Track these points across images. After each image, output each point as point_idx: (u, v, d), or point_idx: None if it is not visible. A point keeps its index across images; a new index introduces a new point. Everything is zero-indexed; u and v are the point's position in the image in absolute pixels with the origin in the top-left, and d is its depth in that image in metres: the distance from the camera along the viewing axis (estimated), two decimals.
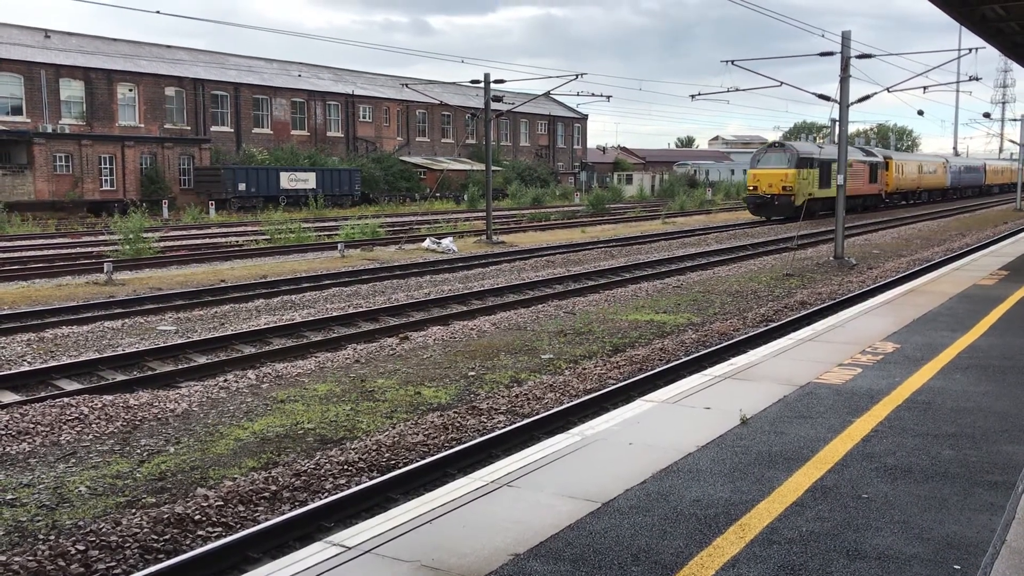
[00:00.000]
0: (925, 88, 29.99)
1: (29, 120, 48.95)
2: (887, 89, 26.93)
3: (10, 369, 11.39)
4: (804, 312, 15.60)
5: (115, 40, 57.42)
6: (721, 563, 4.41)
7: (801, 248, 28.00)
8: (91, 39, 56.23)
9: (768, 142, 42.01)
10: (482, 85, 31.75)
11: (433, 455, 7.99)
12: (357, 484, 7.34)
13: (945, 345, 9.86)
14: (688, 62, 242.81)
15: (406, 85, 42.69)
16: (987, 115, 64.88)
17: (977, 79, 31.40)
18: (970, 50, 25.46)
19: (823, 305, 16.36)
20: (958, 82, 41.18)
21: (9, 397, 10.19)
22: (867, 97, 26.28)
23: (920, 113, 48.92)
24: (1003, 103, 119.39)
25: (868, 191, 49.31)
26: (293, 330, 14.05)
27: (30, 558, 5.87)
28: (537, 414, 9.28)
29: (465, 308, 16.42)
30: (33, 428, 8.71)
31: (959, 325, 11.18)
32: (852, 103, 24.87)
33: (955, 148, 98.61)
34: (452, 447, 8.24)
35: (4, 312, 15.32)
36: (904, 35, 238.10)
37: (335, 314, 15.28)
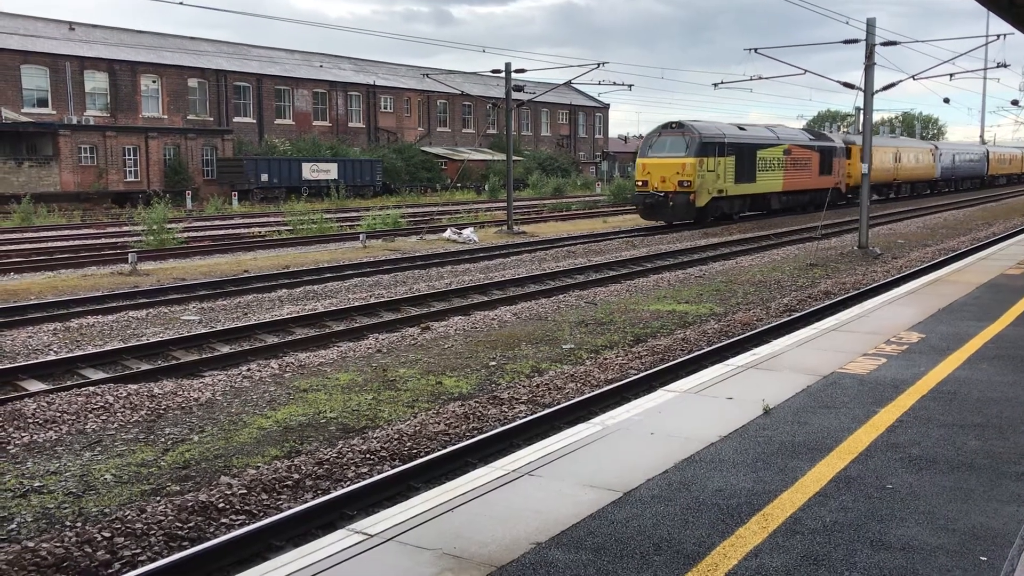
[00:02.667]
0: (951, 75, 29.62)
1: (55, 112, 49.40)
2: (912, 77, 26.60)
3: (37, 358, 11.52)
4: (828, 302, 15.48)
5: (139, 32, 57.77)
6: (744, 553, 4.39)
7: (825, 238, 27.78)
8: (115, 31, 56.61)
9: (664, 123, 32.64)
10: (503, 75, 31.69)
11: (454, 444, 8.01)
12: (379, 473, 7.37)
13: (971, 335, 9.75)
14: (711, 50, 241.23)
15: (427, 75, 42.72)
16: (1015, 102, 63.45)
17: (1005, 66, 30.90)
18: (998, 36, 25.11)
19: (847, 295, 16.23)
20: (985, 69, 40.06)
21: (36, 386, 10.31)
22: (892, 85, 26.01)
23: (946, 101, 47.54)
24: None
25: (818, 184, 39.18)
26: (316, 320, 14.11)
27: (57, 544, 5.94)
28: (558, 404, 9.27)
29: (486, 298, 16.42)
30: (60, 417, 8.81)
31: (985, 315, 11.06)
32: (877, 91, 24.62)
33: (982, 136, 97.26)
34: (473, 436, 8.25)
35: (31, 302, 15.49)
36: (930, 22, 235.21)
37: (357, 304, 15.33)
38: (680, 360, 11.03)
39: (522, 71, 31.98)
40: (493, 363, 11.27)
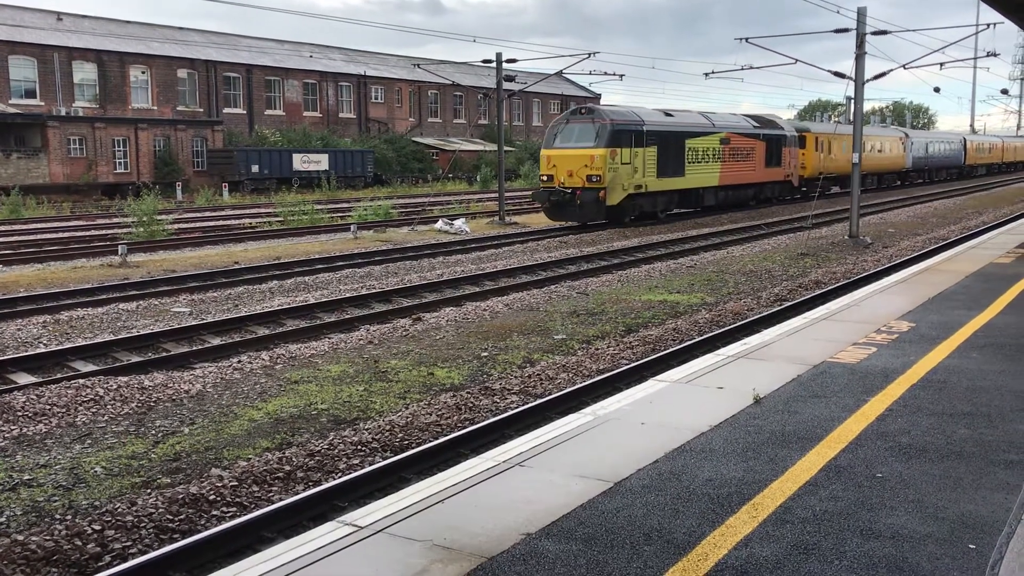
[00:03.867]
0: (942, 65, 29.55)
1: (43, 103, 49.11)
2: (903, 66, 26.60)
3: (26, 351, 11.47)
4: (819, 291, 15.52)
5: (128, 22, 57.44)
6: (734, 542, 4.40)
7: (816, 227, 27.83)
8: (104, 21, 56.24)
9: (573, 108, 29.65)
10: (494, 65, 31.60)
11: (446, 435, 8.00)
12: (370, 464, 7.36)
13: (961, 324, 9.79)
14: (702, 41, 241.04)
15: (418, 65, 42.53)
16: (1005, 91, 63.53)
17: (995, 55, 30.90)
18: (988, 25, 25.12)
19: (838, 284, 16.27)
20: (975, 58, 40.04)
21: (25, 379, 10.26)
22: (883, 74, 26.01)
23: (936, 90, 47.36)
24: (1022, 79, 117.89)
25: (764, 178, 35.81)
26: (307, 311, 14.08)
27: (47, 537, 5.92)
28: (550, 394, 9.28)
29: (478, 289, 16.41)
30: (49, 409, 8.78)
31: (975, 304, 11.10)
32: (867, 80, 24.62)
33: (972, 125, 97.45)
34: (465, 427, 8.25)
35: (20, 294, 15.42)
36: (921, 11, 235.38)
37: (348, 295, 15.30)
38: (671, 350, 11.04)
39: (513, 61, 31.87)
40: (485, 354, 11.27)
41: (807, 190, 40.47)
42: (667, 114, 30.71)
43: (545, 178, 27.84)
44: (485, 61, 33.62)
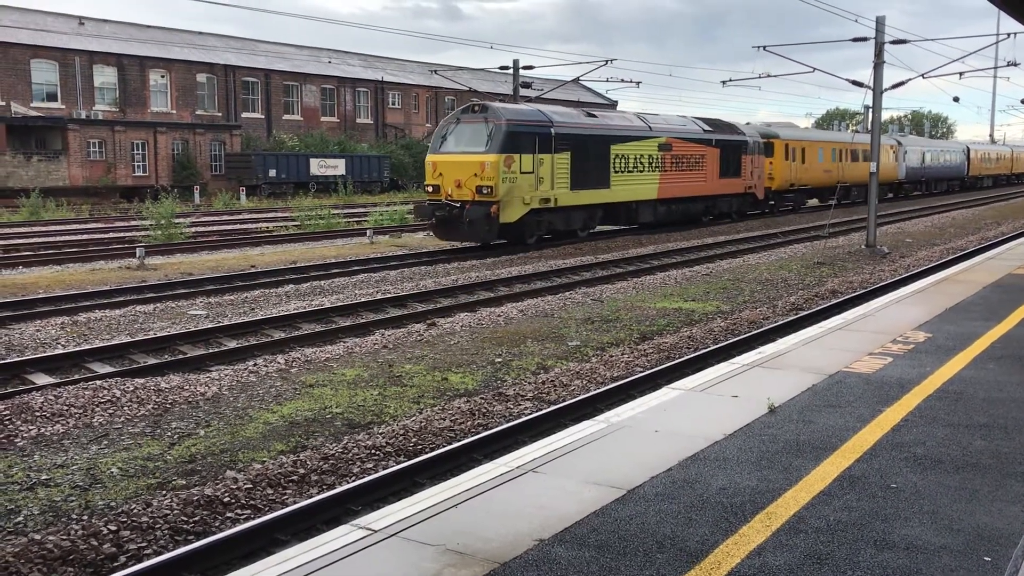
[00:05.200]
0: (961, 74, 29.50)
1: (64, 106, 49.55)
2: (922, 75, 26.53)
3: (45, 352, 11.57)
4: (835, 301, 15.45)
5: (147, 27, 57.91)
6: (747, 551, 4.39)
7: (832, 236, 27.72)
8: (124, 26, 56.74)
9: (466, 105, 24.55)
10: (511, 71, 31.67)
11: (459, 440, 8.02)
12: (384, 468, 7.38)
13: (978, 335, 9.73)
14: (720, 48, 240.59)
15: (435, 71, 42.68)
16: None
17: (1015, 64, 30.79)
18: (1008, 35, 25.03)
19: (854, 294, 16.20)
20: (995, 68, 39.76)
21: (43, 379, 10.35)
22: (901, 83, 25.92)
23: (955, 99, 46.91)
24: None
25: (718, 190, 31.56)
26: (322, 315, 14.13)
27: (64, 537, 5.97)
28: (563, 401, 9.28)
29: (492, 295, 16.43)
30: (67, 410, 8.85)
31: (993, 314, 11.02)
32: (886, 89, 24.55)
33: (991, 135, 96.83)
34: (478, 433, 8.26)
35: (39, 296, 15.55)
36: (941, 20, 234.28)
37: (363, 300, 15.35)
38: (686, 358, 11.02)
39: (530, 68, 31.99)
40: (499, 360, 11.28)
41: (775, 204, 37.15)
42: (589, 115, 26.61)
43: (430, 189, 23.34)
44: (502, 67, 33.72)
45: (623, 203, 27.02)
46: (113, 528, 6.15)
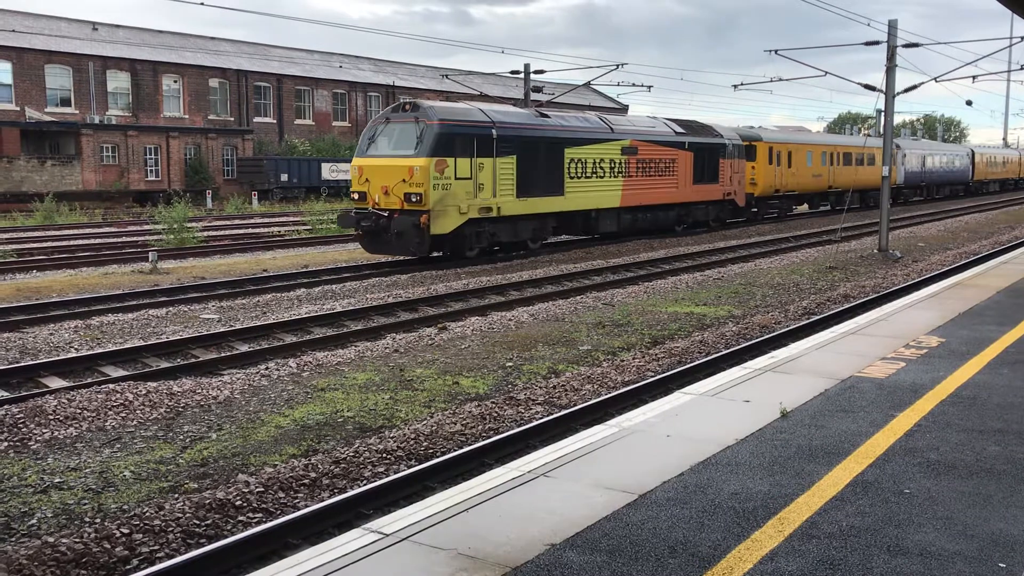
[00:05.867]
0: (974, 77, 29.42)
1: (77, 111, 49.87)
2: (935, 79, 26.42)
3: (58, 355, 11.63)
4: (847, 305, 15.40)
5: (160, 32, 58.22)
6: (759, 557, 4.37)
7: (845, 240, 27.63)
8: (137, 31, 57.07)
9: (396, 103, 22.62)
10: (522, 76, 31.71)
11: (470, 445, 8.02)
12: (395, 472, 7.39)
13: (992, 339, 9.67)
14: (731, 52, 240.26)
15: (446, 76, 42.75)
16: None
17: None
18: (1022, 38, 24.89)
19: (867, 298, 16.13)
20: (1009, 71, 39.64)
21: (57, 383, 10.40)
22: (914, 87, 25.87)
23: (968, 103, 46.65)
24: None
25: (692, 196, 29.13)
26: (334, 319, 14.16)
27: (77, 540, 5.99)
28: (575, 405, 9.27)
29: (503, 299, 16.43)
30: (80, 413, 8.89)
31: (1006, 319, 10.96)
32: (898, 93, 24.48)
33: (1005, 139, 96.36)
34: (489, 437, 8.26)
35: (53, 300, 15.63)
36: (953, 24, 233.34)
37: (375, 304, 15.38)
38: (697, 362, 11.00)
39: (541, 72, 32.00)
40: (510, 364, 11.28)
41: (758, 211, 34.98)
42: (541, 115, 24.06)
43: (356, 196, 21.01)
44: (513, 72, 33.76)
45: (581, 212, 24.80)
46: (126, 531, 6.17)
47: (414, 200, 19.89)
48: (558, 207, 23.73)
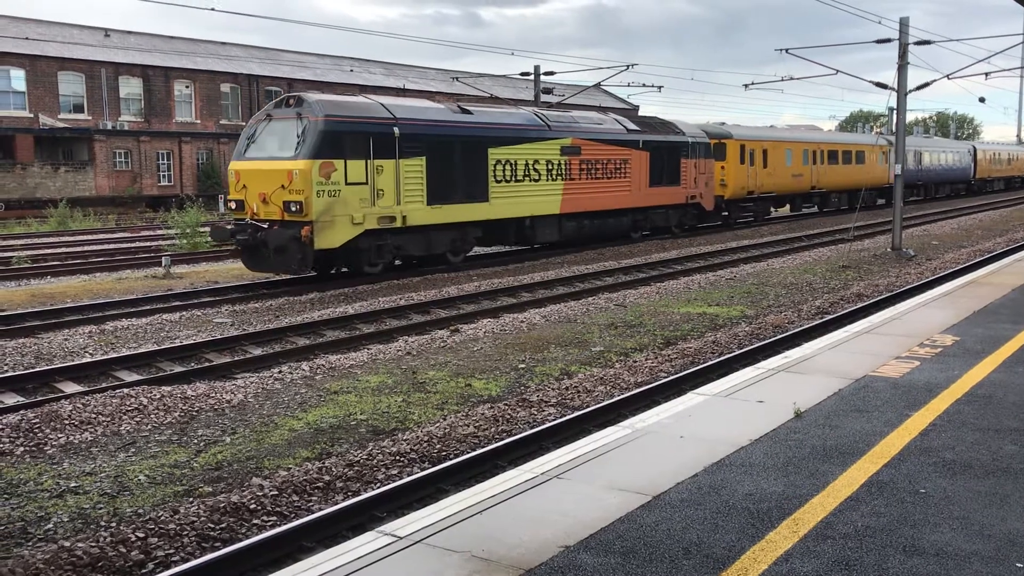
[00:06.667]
0: (987, 74, 29.28)
1: (90, 117, 50.15)
2: (947, 76, 26.30)
3: (73, 360, 11.69)
4: (860, 304, 15.33)
5: (172, 38, 58.53)
6: (774, 557, 4.36)
7: (857, 239, 27.51)
8: (149, 37, 57.37)
9: (280, 98, 19.66)
10: (532, 78, 31.72)
11: (483, 447, 8.02)
12: (409, 475, 7.40)
13: (1007, 337, 9.61)
14: (742, 51, 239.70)
15: (456, 79, 42.78)
16: None
17: None
18: None
19: (880, 297, 16.06)
20: (1022, 67, 39.49)
21: (72, 388, 10.46)
22: (926, 84, 25.72)
23: (981, 100, 46.20)
24: None
25: (648, 201, 26.66)
26: (346, 322, 14.19)
27: (92, 544, 6.02)
28: (587, 407, 9.26)
29: (515, 301, 16.43)
30: (95, 418, 8.94)
31: (1021, 317, 10.89)
32: (910, 91, 24.36)
33: (1019, 135, 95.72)
34: (502, 439, 8.26)
35: (67, 305, 15.72)
36: (966, 20, 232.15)
37: (387, 306, 15.41)
38: (710, 363, 10.97)
39: (551, 74, 32.01)
40: (522, 365, 11.28)
41: (729, 215, 32.36)
42: (463, 110, 21.31)
43: (233, 205, 18.41)
44: (523, 74, 33.78)
45: (511, 220, 22.14)
46: (141, 535, 6.20)
47: (294, 209, 17.18)
48: (482, 215, 21.09)
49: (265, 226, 17.42)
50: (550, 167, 23.03)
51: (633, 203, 26.10)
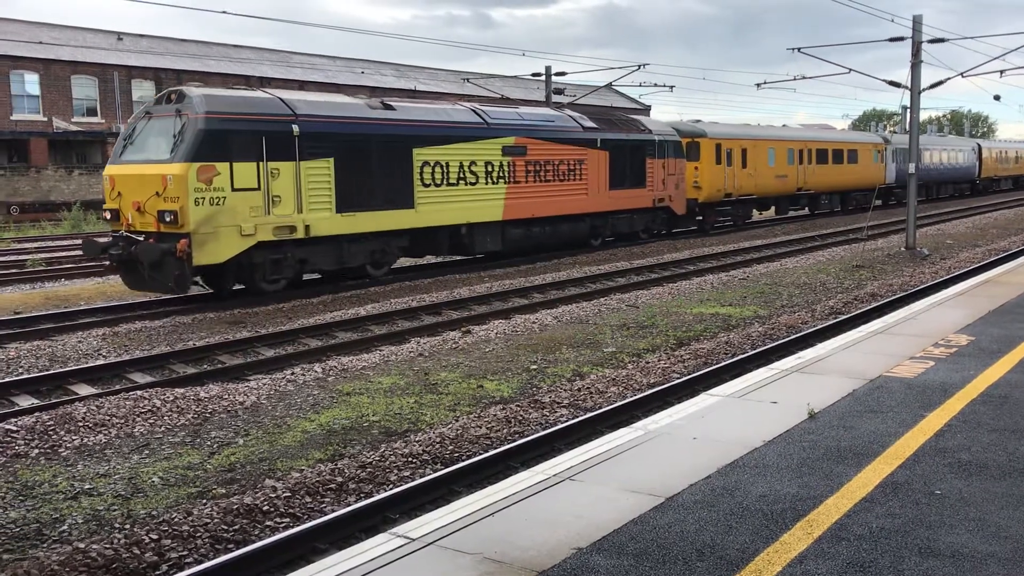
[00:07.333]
0: (1002, 72, 29.00)
1: (103, 121, 50.41)
2: (961, 74, 26.15)
3: (87, 363, 11.75)
4: (874, 304, 15.25)
5: (184, 41, 58.79)
6: (788, 559, 4.33)
7: (871, 239, 27.38)
8: (161, 40, 57.66)
9: (161, 93, 17.33)
10: (543, 78, 31.71)
11: (496, 448, 8.01)
12: (421, 476, 7.40)
13: (1023, 337, 9.54)
14: (754, 51, 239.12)
15: (467, 80, 42.85)
16: None
17: None
18: None
19: (894, 297, 15.98)
20: None
21: (86, 390, 10.51)
22: (940, 83, 25.55)
23: (996, 98, 45.99)
24: None
25: (605, 205, 24.48)
26: (358, 324, 14.21)
27: (107, 546, 6.05)
28: (600, 408, 9.24)
29: (526, 302, 16.42)
30: (109, 420, 8.98)
31: None
32: (924, 89, 24.23)
33: None
34: (514, 440, 8.25)
35: (81, 307, 15.80)
36: (980, 17, 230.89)
37: (399, 308, 15.42)
38: (723, 364, 10.93)
39: (563, 74, 31.97)
40: (534, 366, 11.27)
41: (704, 219, 30.32)
42: (386, 106, 19.11)
43: (108, 215, 16.44)
44: (535, 74, 33.77)
45: (443, 228, 20.01)
46: (155, 537, 6.22)
47: (168, 220, 15.07)
48: (407, 223, 18.94)
49: (141, 239, 15.43)
50: (490, 169, 20.92)
51: (590, 207, 24.01)
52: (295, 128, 16.61)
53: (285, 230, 16.51)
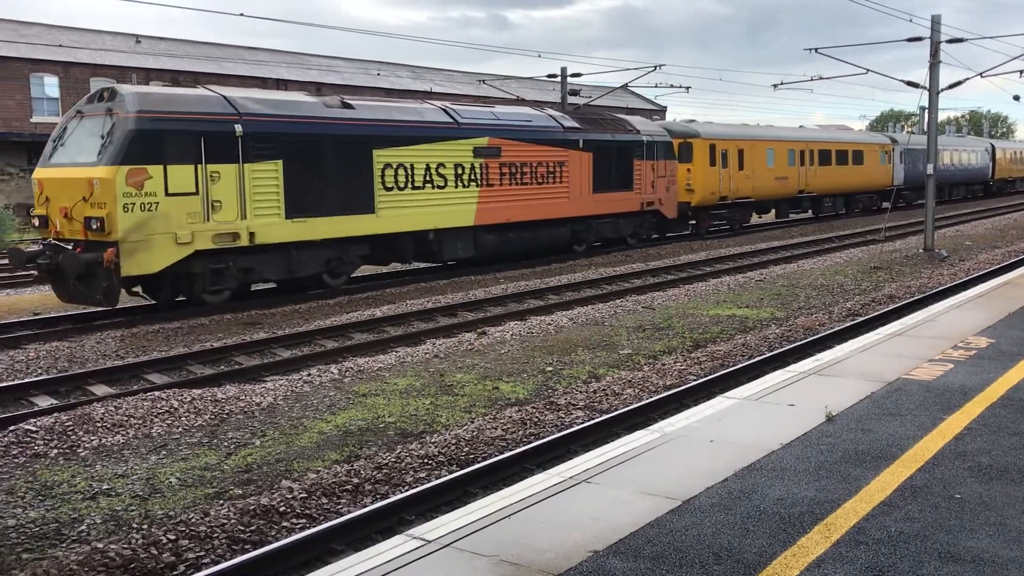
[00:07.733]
0: (1021, 72, 28.80)
1: None
2: (980, 74, 25.98)
3: (105, 364, 11.83)
4: (893, 306, 15.15)
5: (201, 43, 59.15)
6: (806, 563, 4.31)
7: (889, 240, 27.22)
8: (178, 43, 58.03)
9: (96, 90, 15.64)
10: (559, 80, 31.69)
11: (511, 450, 8.01)
12: (437, 478, 7.40)
13: None
14: (771, 52, 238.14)
15: (483, 81, 42.88)
16: None
17: None
18: None
19: (912, 299, 15.87)
20: None
21: (104, 390, 10.58)
22: (958, 83, 25.38)
23: (1016, 98, 45.76)
24: None
25: (588, 209, 23.35)
26: (374, 325, 14.24)
27: (125, 546, 6.08)
28: (616, 410, 9.22)
29: (542, 303, 16.41)
30: (127, 421, 9.03)
31: None
32: (942, 90, 24.08)
33: None
34: (530, 442, 8.24)
35: (99, 309, 15.90)
36: (1000, 17, 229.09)
37: (414, 309, 15.44)
38: (740, 366, 10.88)
39: (578, 75, 31.95)
40: (550, 368, 11.26)
41: (698, 223, 29.20)
42: (344, 104, 18.15)
43: (37, 222, 15.50)
44: (550, 76, 33.76)
45: (407, 234, 18.86)
46: (172, 537, 6.25)
47: (95, 227, 14.11)
48: (366, 229, 17.79)
49: (69, 247, 14.40)
50: (460, 171, 19.75)
51: (572, 212, 22.79)
52: (238, 128, 15.59)
53: (227, 237, 15.48)
